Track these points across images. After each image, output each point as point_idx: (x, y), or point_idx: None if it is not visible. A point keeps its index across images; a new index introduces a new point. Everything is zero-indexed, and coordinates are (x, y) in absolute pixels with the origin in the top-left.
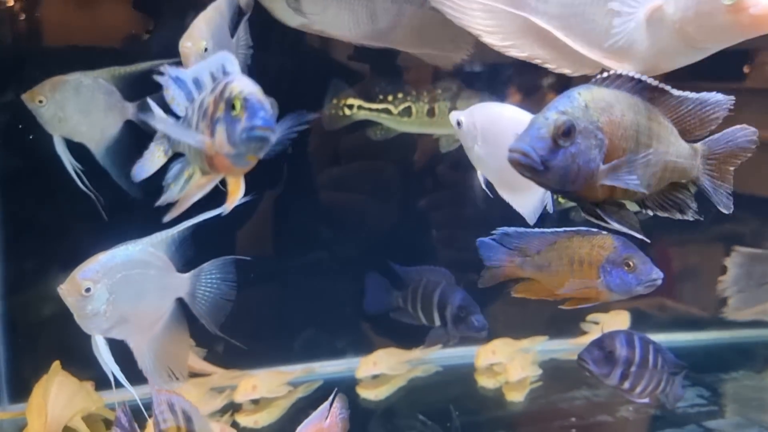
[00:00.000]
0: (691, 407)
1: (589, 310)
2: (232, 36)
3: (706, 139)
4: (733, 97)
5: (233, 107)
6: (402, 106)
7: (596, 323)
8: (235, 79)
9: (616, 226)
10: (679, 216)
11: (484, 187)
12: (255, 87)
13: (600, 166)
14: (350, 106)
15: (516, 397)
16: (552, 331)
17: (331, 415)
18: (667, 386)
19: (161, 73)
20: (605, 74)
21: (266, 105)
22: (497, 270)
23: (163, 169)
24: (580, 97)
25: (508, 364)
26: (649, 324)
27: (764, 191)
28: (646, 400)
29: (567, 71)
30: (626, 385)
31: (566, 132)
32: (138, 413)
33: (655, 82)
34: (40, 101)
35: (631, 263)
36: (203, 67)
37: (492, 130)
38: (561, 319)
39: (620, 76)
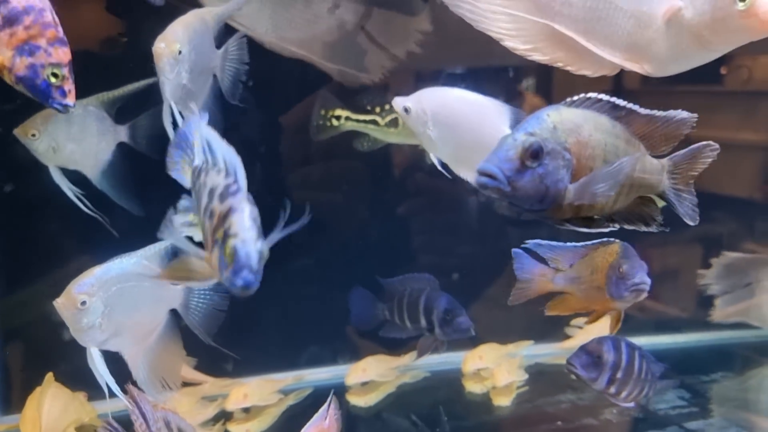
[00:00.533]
0: (672, 409)
1: (572, 315)
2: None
3: (672, 155)
4: (696, 115)
5: (225, 250)
6: (389, 118)
7: (580, 327)
8: (237, 212)
9: (584, 230)
10: (644, 228)
11: (439, 168)
12: (250, 233)
13: (568, 186)
14: (338, 117)
15: (503, 401)
16: (537, 336)
17: (329, 416)
18: (650, 391)
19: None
20: (575, 97)
21: (253, 261)
22: (528, 285)
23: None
24: (549, 118)
25: (495, 369)
26: (630, 326)
27: (741, 192)
28: (632, 404)
29: (587, 73)
30: (612, 389)
31: (534, 153)
32: (129, 425)
33: (622, 103)
34: (33, 135)
35: (622, 269)
36: (219, 146)
37: (442, 112)
38: (545, 324)
39: (589, 98)
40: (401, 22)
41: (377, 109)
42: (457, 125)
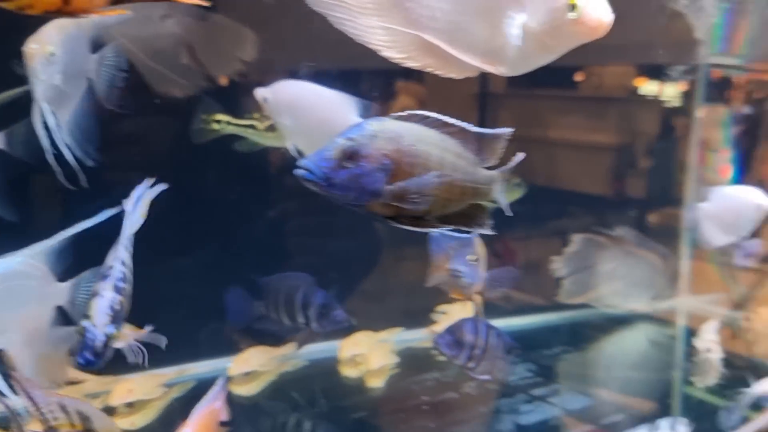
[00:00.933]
0: (521, 380)
1: (438, 303)
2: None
3: (502, 168)
4: (510, 130)
5: (79, 327)
6: (267, 122)
7: (444, 313)
8: (98, 297)
9: (412, 229)
10: (476, 228)
11: (294, 154)
12: (102, 319)
13: (384, 186)
14: (218, 122)
15: (376, 383)
16: (407, 323)
17: (219, 398)
18: (503, 364)
19: None
20: (403, 113)
21: (97, 344)
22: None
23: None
24: (370, 126)
25: (369, 355)
26: (492, 310)
27: (595, 189)
28: (488, 377)
29: (453, 75)
30: (471, 365)
31: (350, 155)
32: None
33: (449, 120)
34: None
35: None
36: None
37: (296, 103)
38: (415, 312)
39: (415, 114)
40: (226, 49)
41: (256, 115)
42: (308, 115)
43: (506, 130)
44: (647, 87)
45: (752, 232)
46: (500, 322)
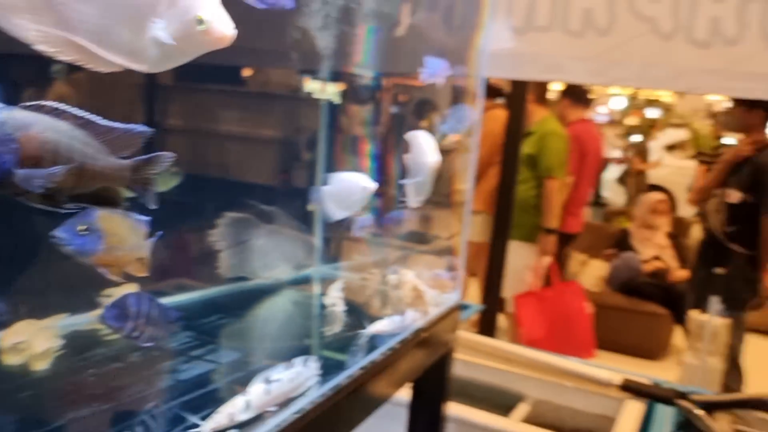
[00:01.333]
0: (181, 345)
1: (104, 287)
2: None
3: (135, 158)
4: (150, 130)
5: None
6: None
7: (110, 296)
8: None
9: (43, 207)
10: (112, 208)
11: None
12: None
13: (13, 168)
14: None
15: (41, 365)
16: (73, 309)
17: None
18: (165, 332)
19: None
20: (30, 104)
21: None
22: None
23: None
24: (0, 114)
25: (32, 341)
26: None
27: (265, 180)
28: (151, 344)
29: (102, 70)
30: (136, 334)
31: None
32: None
33: (78, 112)
34: None
35: None
36: None
37: None
38: (83, 298)
39: (44, 106)
40: None
41: None
42: None
43: (138, 127)
44: (309, 86)
45: (362, 208)
46: (167, 299)
